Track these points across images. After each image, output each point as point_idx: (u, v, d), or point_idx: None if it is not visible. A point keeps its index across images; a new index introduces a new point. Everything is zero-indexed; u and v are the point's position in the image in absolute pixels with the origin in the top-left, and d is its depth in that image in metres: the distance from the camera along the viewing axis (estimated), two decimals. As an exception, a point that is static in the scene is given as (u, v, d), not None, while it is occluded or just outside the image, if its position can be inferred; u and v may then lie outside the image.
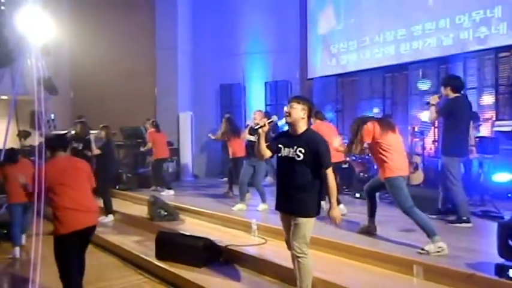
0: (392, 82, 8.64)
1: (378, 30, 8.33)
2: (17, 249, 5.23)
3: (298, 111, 3.07)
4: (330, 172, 3.03)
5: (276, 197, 3.26)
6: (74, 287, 3.21)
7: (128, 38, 11.08)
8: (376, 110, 7.50)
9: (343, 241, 4.19)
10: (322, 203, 5.32)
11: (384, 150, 3.95)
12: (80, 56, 11.27)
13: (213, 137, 7.71)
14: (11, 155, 5.34)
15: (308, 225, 3.06)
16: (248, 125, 6.92)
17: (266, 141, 3.29)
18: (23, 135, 8.75)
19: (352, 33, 8.84)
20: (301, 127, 3.10)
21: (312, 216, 3.08)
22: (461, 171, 5.00)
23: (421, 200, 4.45)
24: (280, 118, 5.16)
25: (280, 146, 3.17)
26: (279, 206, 3.24)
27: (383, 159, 3.96)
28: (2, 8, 8.98)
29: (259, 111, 6.35)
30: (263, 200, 6.06)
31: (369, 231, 4.41)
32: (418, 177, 6.60)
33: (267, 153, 3.25)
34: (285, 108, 3.17)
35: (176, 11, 10.94)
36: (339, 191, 5.84)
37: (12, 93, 9.65)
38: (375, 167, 7.27)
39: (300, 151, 3.02)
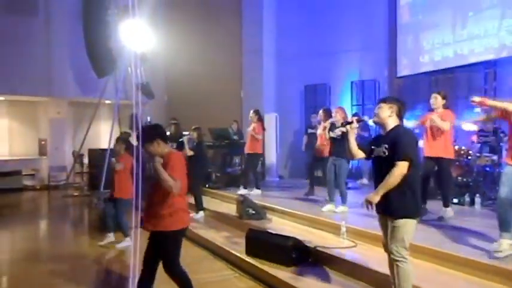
0: (496, 78, 7.88)
1: (478, 22, 7.68)
2: (128, 239, 5.63)
3: (385, 110, 3.08)
4: (400, 166, 2.84)
5: None
6: (184, 275, 3.34)
7: (216, 43, 11.64)
8: (477, 110, 6.85)
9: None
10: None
11: None
12: (173, 63, 12.12)
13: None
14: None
15: (407, 228, 2.93)
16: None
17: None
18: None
19: (448, 27, 8.27)
20: (390, 125, 3.09)
21: (410, 218, 2.94)
22: None
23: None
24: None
25: (373, 147, 3.17)
26: (377, 208, 3.12)
27: None
28: (109, 19, 9.89)
29: (341, 108, 6.34)
30: (343, 202, 5.97)
31: None
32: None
33: (359, 154, 3.29)
34: (375, 110, 3.20)
35: (262, 14, 11.19)
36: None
37: (115, 98, 10.62)
38: (475, 170, 6.72)
39: (385, 147, 2.99)
